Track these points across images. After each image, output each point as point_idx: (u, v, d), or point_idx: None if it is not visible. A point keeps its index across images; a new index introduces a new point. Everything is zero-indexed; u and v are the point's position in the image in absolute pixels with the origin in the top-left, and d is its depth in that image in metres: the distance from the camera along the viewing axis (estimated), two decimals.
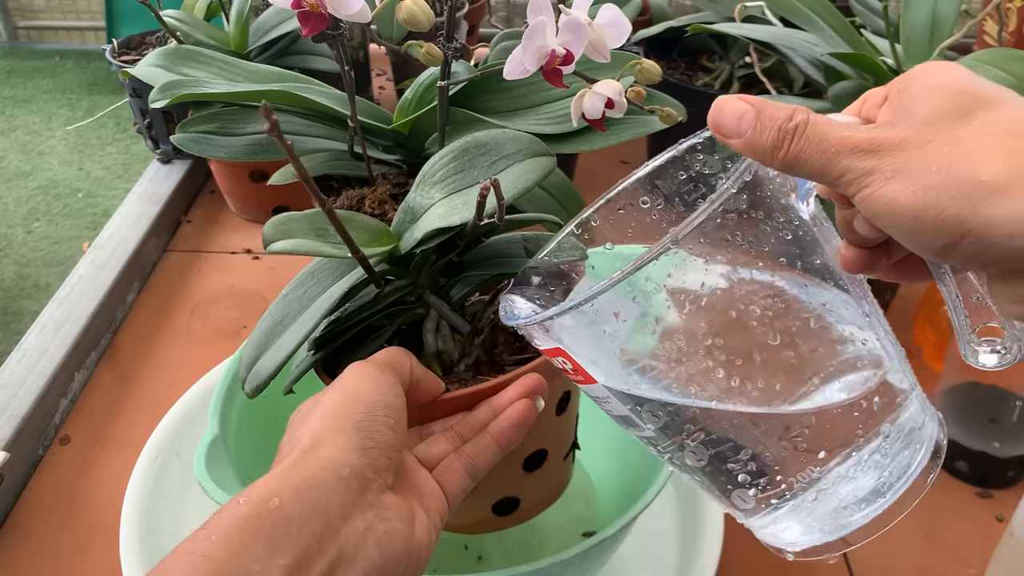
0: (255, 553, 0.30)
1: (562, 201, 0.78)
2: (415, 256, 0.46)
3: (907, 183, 0.27)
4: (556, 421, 0.50)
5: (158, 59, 0.81)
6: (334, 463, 0.34)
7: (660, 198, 0.40)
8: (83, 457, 0.71)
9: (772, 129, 0.30)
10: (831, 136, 0.29)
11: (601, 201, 0.41)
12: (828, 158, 0.29)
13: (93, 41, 2.90)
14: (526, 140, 0.44)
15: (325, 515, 0.32)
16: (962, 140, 0.27)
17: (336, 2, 0.58)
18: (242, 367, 0.47)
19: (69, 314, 0.80)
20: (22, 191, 2.16)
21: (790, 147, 0.29)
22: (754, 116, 0.30)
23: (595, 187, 1.18)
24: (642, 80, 0.64)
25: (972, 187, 0.26)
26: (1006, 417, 0.65)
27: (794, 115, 0.29)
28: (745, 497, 0.35)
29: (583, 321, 0.33)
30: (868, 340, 0.34)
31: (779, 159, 0.30)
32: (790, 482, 0.34)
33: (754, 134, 0.30)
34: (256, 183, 0.96)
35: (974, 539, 0.64)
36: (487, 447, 0.41)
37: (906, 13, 0.78)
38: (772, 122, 0.30)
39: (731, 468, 0.34)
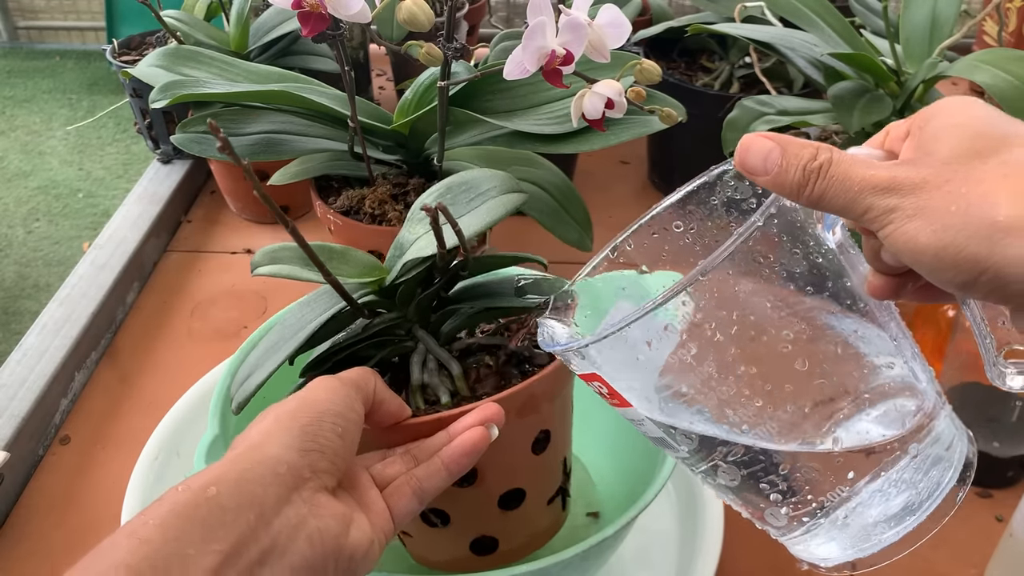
0: (191, 538, 0.32)
1: (561, 201, 0.78)
2: (400, 287, 0.47)
3: (927, 222, 0.28)
4: (533, 460, 0.50)
5: (158, 59, 0.81)
6: (273, 459, 0.36)
7: (693, 223, 0.41)
8: (83, 457, 0.71)
9: (797, 168, 0.31)
10: (854, 175, 0.30)
11: (635, 226, 0.42)
12: (851, 196, 0.30)
13: (93, 41, 2.90)
14: (500, 178, 0.48)
15: (260, 507, 0.34)
16: (978, 181, 0.28)
17: (336, 2, 0.58)
18: (234, 385, 0.49)
19: (69, 314, 0.80)
20: (22, 191, 2.16)
21: (815, 186, 0.30)
22: (779, 155, 0.31)
23: (595, 187, 1.19)
24: (642, 80, 0.64)
25: (988, 227, 0.27)
26: (1006, 417, 0.65)
27: (818, 154, 0.30)
28: (778, 515, 0.36)
29: (617, 348, 0.33)
30: (896, 364, 0.35)
31: (805, 197, 0.31)
32: (821, 501, 0.35)
33: (780, 172, 0.31)
34: None
35: (974, 539, 0.64)
36: (436, 471, 0.42)
37: (906, 13, 0.78)
38: (797, 160, 0.31)
39: (764, 488, 0.35)
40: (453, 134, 0.77)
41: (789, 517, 0.36)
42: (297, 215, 1.01)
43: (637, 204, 1.04)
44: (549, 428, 0.50)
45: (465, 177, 0.49)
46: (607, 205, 1.03)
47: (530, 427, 0.48)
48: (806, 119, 0.75)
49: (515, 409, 0.45)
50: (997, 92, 0.66)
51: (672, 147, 1.02)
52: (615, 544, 0.52)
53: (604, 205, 1.03)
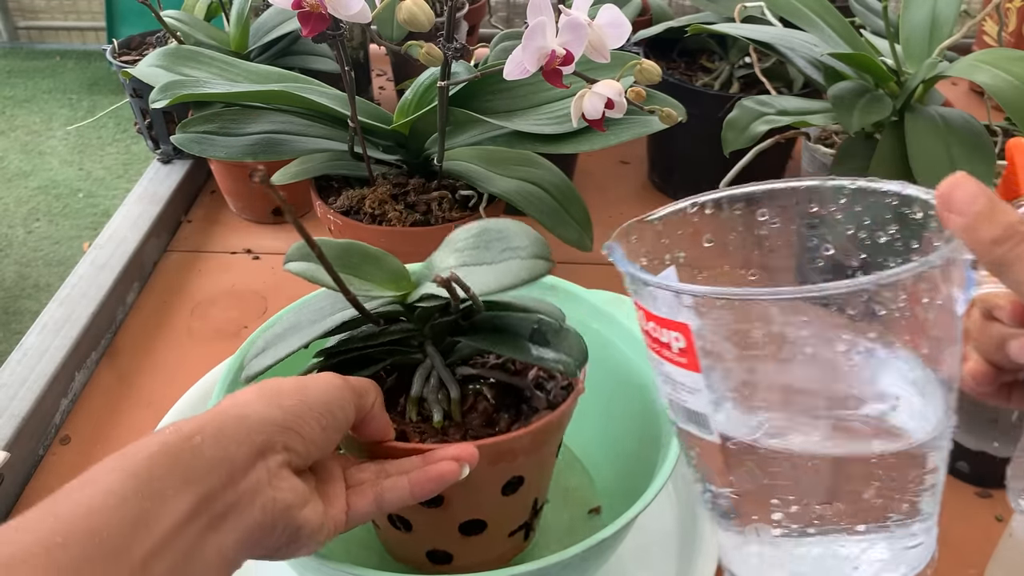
0: (172, 480, 0.34)
1: (561, 201, 0.78)
2: (419, 308, 0.49)
3: None
4: (501, 499, 0.51)
5: (158, 59, 0.81)
6: (254, 425, 0.38)
7: (779, 220, 0.39)
8: (84, 457, 0.71)
9: (1002, 224, 0.30)
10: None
11: (723, 193, 0.40)
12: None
13: (93, 41, 2.90)
14: (535, 240, 0.47)
15: (231, 465, 0.36)
16: None
17: (336, 3, 0.58)
18: (248, 356, 0.50)
19: (69, 314, 0.80)
20: (23, 191, 2.16)
21: (1012, 247, 0.30)
22: (986, 204, 0.30)
23: (595, 187, 1.19)
24: (642, 80, 0.64)
25: None
26: (1006, 417, 0.65)
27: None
28: (761, 531, 0.35)
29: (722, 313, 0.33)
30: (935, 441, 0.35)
31: (997, 254, 0.30)
32: (818, 539, 0.35)
33: (981, 220, 0.30)
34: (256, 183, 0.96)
35: (973, 539, 0.64)
36: (401, 488, 0.44)
37: (906, 14, 0.78)
38: (1004, 216, 0.30)
39: (773, 503, 0.35)
40: (453, 134, 0.77)
41: (773, 536, 0.35)
42: (297, 215, 1.01)
43: (637, 204, 1.04)
44: (523, 475, 0.51)
45: (501, 226, 0.49)
46: (607, 205, 1.03)
47: (503, 472, 0.50)
48: (806, 119, 0.75)
49: (489, 457, 0.47)
50: (997, 92, 0.66)
51: (672, 147, 1.02)
52: (615, 544, 0.52)
53: (604, 205, 1.03)
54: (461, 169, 0.78)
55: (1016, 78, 0.66)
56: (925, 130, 0.69)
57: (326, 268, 0.44)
